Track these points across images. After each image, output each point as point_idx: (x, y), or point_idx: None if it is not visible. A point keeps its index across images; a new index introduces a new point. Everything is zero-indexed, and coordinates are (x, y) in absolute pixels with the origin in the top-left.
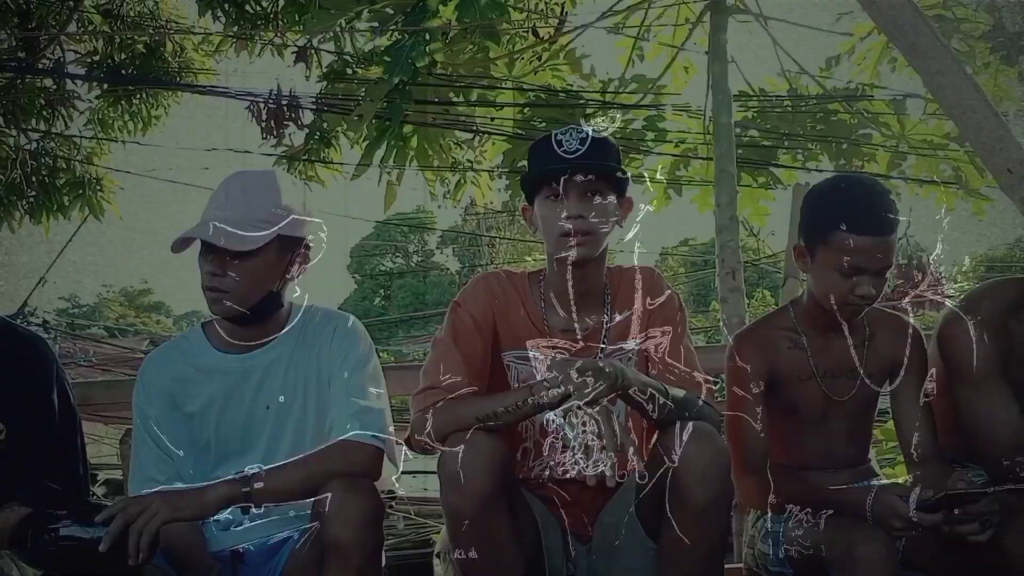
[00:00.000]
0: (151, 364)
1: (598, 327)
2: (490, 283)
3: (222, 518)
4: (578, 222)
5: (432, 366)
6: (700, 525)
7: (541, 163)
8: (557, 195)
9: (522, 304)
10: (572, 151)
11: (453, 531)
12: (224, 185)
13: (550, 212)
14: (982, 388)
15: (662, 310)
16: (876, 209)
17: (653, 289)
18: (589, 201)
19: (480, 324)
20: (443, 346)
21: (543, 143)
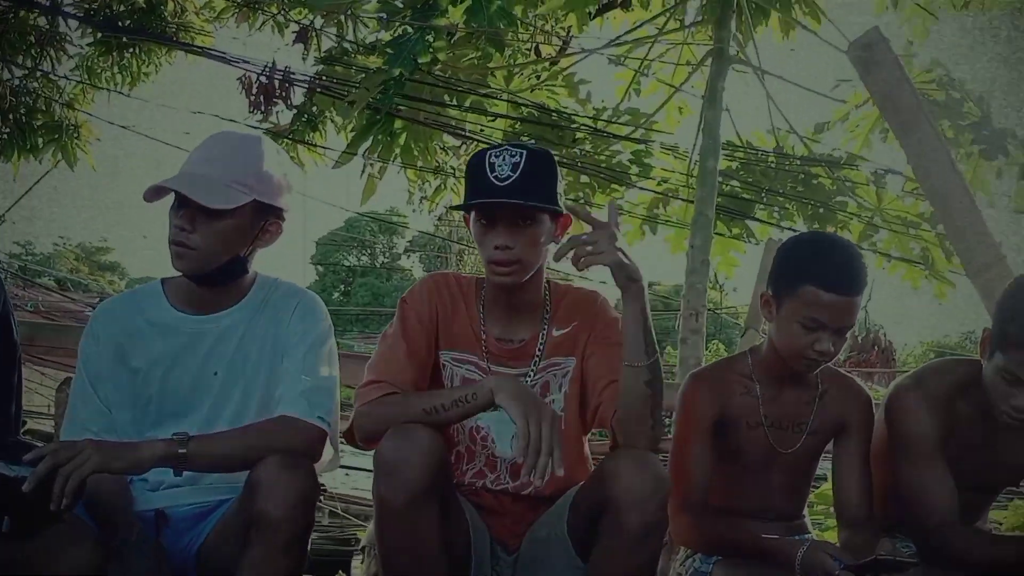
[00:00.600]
0: (103, 312)
1: (533, 340)
2: (437, 283)
3: (151, 478)
4: (504, 252)
5: (379, 360)
6: (633, 553)
7: (473, 185)
8: (486, 221)
9: (464, 308)
10: (503, 178)
11: (381, 522)
12: (208, 141)
13: (480, 236)
14: (921, 462)
15: (603, 328)
16: (847, 269)
17: (596, 312)
18: (518, 230)
19: (424, 322)
20: (390, 341)
21: (477, 163)
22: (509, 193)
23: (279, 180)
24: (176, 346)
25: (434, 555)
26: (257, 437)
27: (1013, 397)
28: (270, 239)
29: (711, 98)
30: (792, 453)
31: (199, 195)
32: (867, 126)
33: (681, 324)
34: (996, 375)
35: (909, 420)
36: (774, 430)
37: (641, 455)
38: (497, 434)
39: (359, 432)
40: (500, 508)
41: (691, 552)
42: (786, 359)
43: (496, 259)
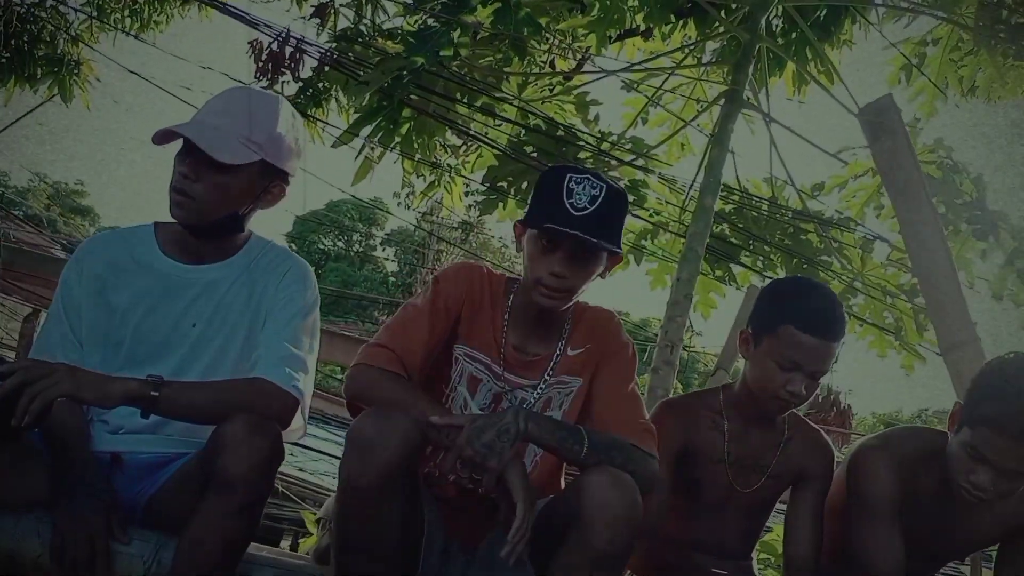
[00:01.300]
0: (92, 243)
1: (548, 356)
2: (472, 275)
3: (112, 421)
4: (560, 281)
5: (398, 328)
6: (596, 570)
7: (546, 206)
8: (549, 244)
9: (491, 311)
10: (579, 208)
11: (344, 498)
12: (226, 93)
13: (537, 254)
14: (877, 522)
15: (614, 355)
16: (828, 314)
17: (609, 333)
18: (577, 262)
19: (449, 309)
20: (416, 312)
21: (554, 183)
22: (584, 227)
23: (290, 144)
24: (158, 290)
25: (390, 541)
26: (231, 394)
27: (973, 473)
28: (272, 201)
29: (720, 137)
30: (750, 493)
31: (208, 145)
32: (863, 197)
33: (656, 354)
34: (961, 449)
35: (871, 479)
36: (735, 468)
37: (620, 476)
38: None
39: (354, 390)
40: (463, 505)
41: None
42: (758, 397)
43: (550, 284)
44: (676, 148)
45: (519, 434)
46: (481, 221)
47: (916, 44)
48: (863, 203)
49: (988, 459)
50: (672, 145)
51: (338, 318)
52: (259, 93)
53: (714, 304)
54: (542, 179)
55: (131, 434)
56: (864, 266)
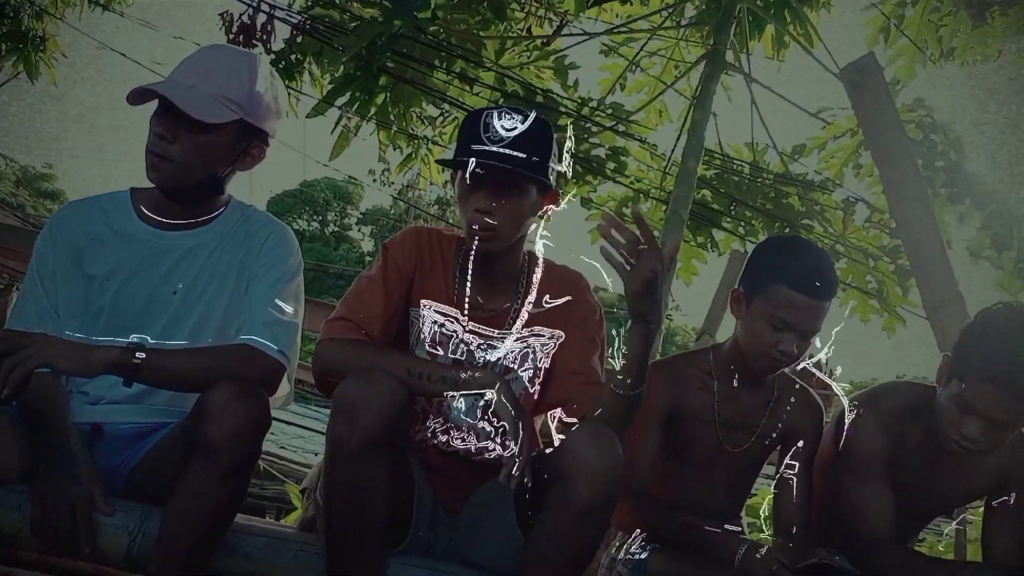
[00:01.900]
0: (66, 212)
1: (506, 310)
2: (421, 237)
3: (92, 392)
4: (483, 218)
5: (354, 299)
6: (579, 526)
7: (463, 142)
8: (471, 182)
9: (443, 267)
10: (496, 139)
11: (331, 464)
12: (202, 51)
13: (463, 196)
14: (865, 477)
15: (581, 317)
16: (820, 273)
17: (577, 296)
18: (500, 195)
19: (403, 273)
20: (370, 282)
21: (472, 120)
22: (499, 156)
23: (269, 103)
24: (137, 258)
25: (378, 504)
26: (215, 359)
27: (962, 425)
28: (251, 162)
29: (702, 99)
30: (739, 453)
31: (185, 104)
32: (843, 157)
33: None
34: (950, 402)
35: (857, 435)
36: (725, 428)
37: (603, 432)
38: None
39: (322, 364)
40: (447, 469)
41: (628, 538)
42: (749, 358)
43: (477, 223)
44: (654, 115)
45: None
46: None
47: (895, 5)
48: (842, 163)
49: (978, 410)
50: (650, 112)
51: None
52: (236, 51)
53: (696, 271)
54: (464, 121)
55: (112, 404)
56: (846, 229)
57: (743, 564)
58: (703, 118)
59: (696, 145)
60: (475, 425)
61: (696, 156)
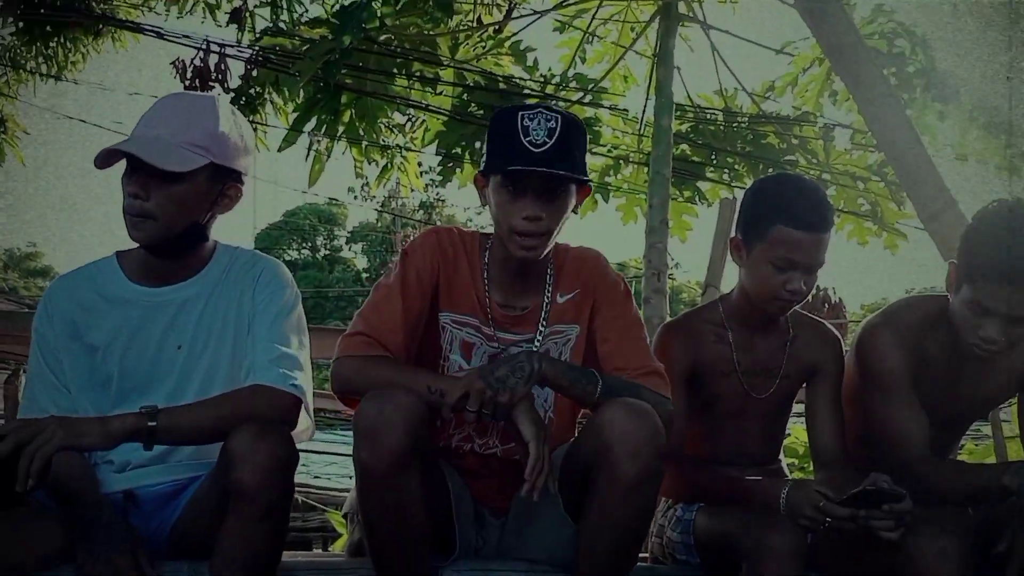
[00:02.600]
0: (56, 287)
1: (537, 308)
2: (441, 239)
3: (117, 460)
4: (534, 224)
5: (372, 312)
6: (628, 502)
7: (504, 149)
8: (515, 189)
9: (468, 270)
10: (539, 143)
11: (363, 488)
12: (158, 103)
13: (505, 203)
14: (893, 397)
15: (608, 294)
16: (816, 206)
17: (598, 273)
18: (548, 201)
19: (423, 280)
20: (387, 292)
21: (507, 123)
22: (546, 161)
23: (236, 142)
24: (135, 320)
25: (418, 519)
26: (229, 406)
27: (981, 328)
28: (230, 204)
29: (662, 56)
30: (766, 399)
31: (152, 157)
32: (816, 88)
33: (644, 284)
34: (965, 307)
35: (879, 356)
36: (747, 376)
37: (636, 404)
38: None
39: (341, 382)
40: (487, 471)
41: (672, 502)
42: (758, 302)
43: (524, 230)
44: (620, 82)
45: (534, 373)
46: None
47: None
48: (817, 94)
49: (993, 310)
50: (615, 79)
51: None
52: (194, 95)
53: (688, 226)
54: (493, 123)
55: (139, 468)
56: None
57: (788, 505)
58: (667, 74)
59: (665, 102)
60: None
61: (668, 113)
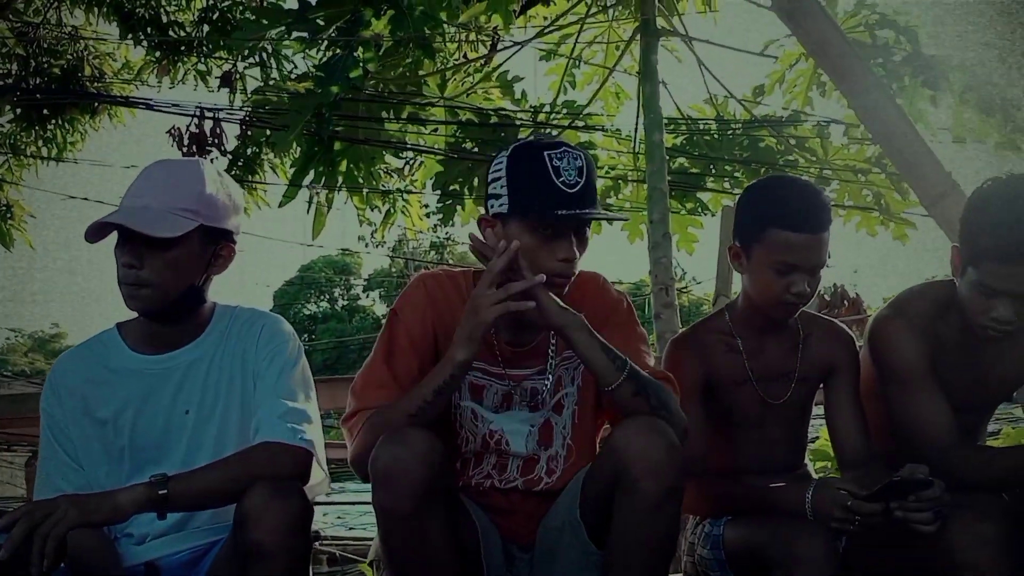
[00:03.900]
0: (60, 365)
1: (545, 339)
2: (430, 289)
3: (136, 532)
4: (571, 266)
5: (361, 387)
6: (652, 521)
7: (536, 191)
8: (550, 232)
9: None
10: (571, 184)
11: (385, 533)
12: (144, 171)
13: (537, 245)
14: (913, 387)
15: (612, 315)
16: (811, 207)
17: (599, 295)
18: (582, 241)
19: (416, 339)
20: (374, 365)
21: (535, 163)
22: (582, 202)
23: (224, 201)
24: (142, 390)
25: (444, 560)
26: (240, 466)
27: (992, 309)
28: (224, 264)
29: (647, 72)
30: (784, 403)
31: (142, 226)
32: (804, 84)
33: (652, 300)
34: (972, 290)
35: (894, 348)
36: (763, 383)
37: (650, 421)
38: (511, 434)
39: (360, 470)
40: (511, 506)
41: (699, 519)
42: (764, 308)
43: (561, 272)
44: (612, 100)
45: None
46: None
47: None
48: (806, 89)
49: (1001, 290)
50: (607, 99)
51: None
52: (177, 161)
53: (695, 238)
54: (516, 162)
55: (158, 538)
56: (827, 153)
57: (814, 508)
58: (653, 90)
59: (654, 118)
60: (528, 455)
61: (658, 128)
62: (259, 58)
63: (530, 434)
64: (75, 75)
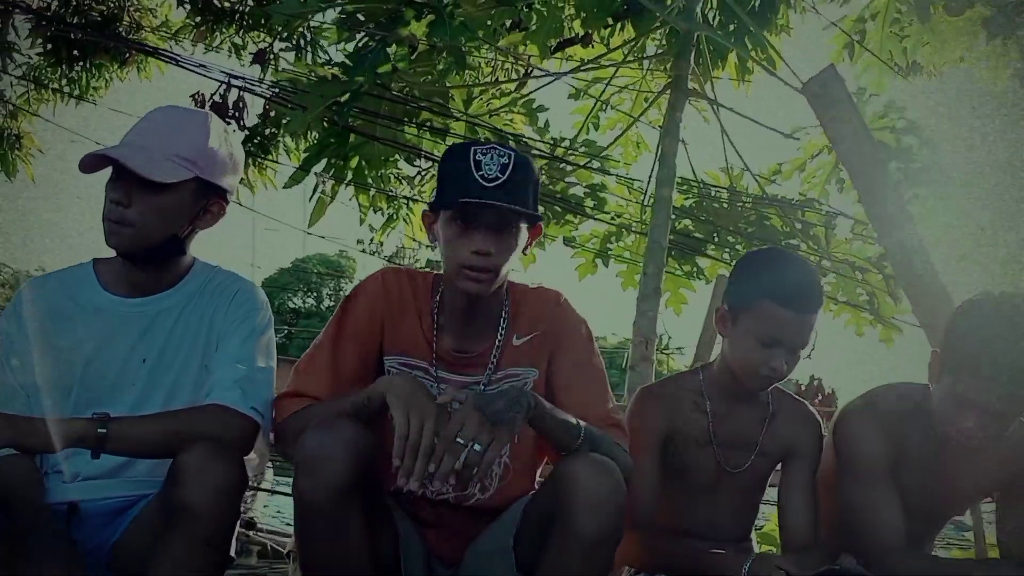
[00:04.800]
0: (28, 289)
1: (488, 349)
2: (387, 282)
3: (68, 470)
4: (483, 259)
5: (303, 369)
6: (585, 560)
7: (455, 182)
8: (465, 223)
9: (417, 313)
10: (491, 178)
11: (301, 522)
12: (151, 114)
13: (454, 237)
14: (870, 484)
15: (569, 337)
16: (805, 286)
17: (558, 313)
18: (499, 236)
19: (362, 329)
20: (319, 350)
21: (460, 157)
22: (498, 195)
23: (224, 159)
24: (104, 329)
25: (358, 558)
26: (184, 422)
27: (961, 419)
28: (212, 220)
29: (669, 127)
30: (741, 473)
31: (138, 166)
32: (823, 176)
33: (632, 351)
34: (945, 397)
35: (858, 442)
36: (723, 449)
37: (601, 460)
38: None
39: (283, 447)
40: (439, 520)
41: (634, 571)
42: (739, 376)
43: (473, 264)
44: (632, 148)
45: (530, 409)
46: None
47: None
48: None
49: (973, 402)
50: (626, 146)
51: None
52: (186, 109)
53: (684, 300)
54: (445, 158)
55: (88, 480)
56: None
57: None
58: (672, 146)
59: (668, 173)
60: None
61: (669, 183)
62: (296, 43)
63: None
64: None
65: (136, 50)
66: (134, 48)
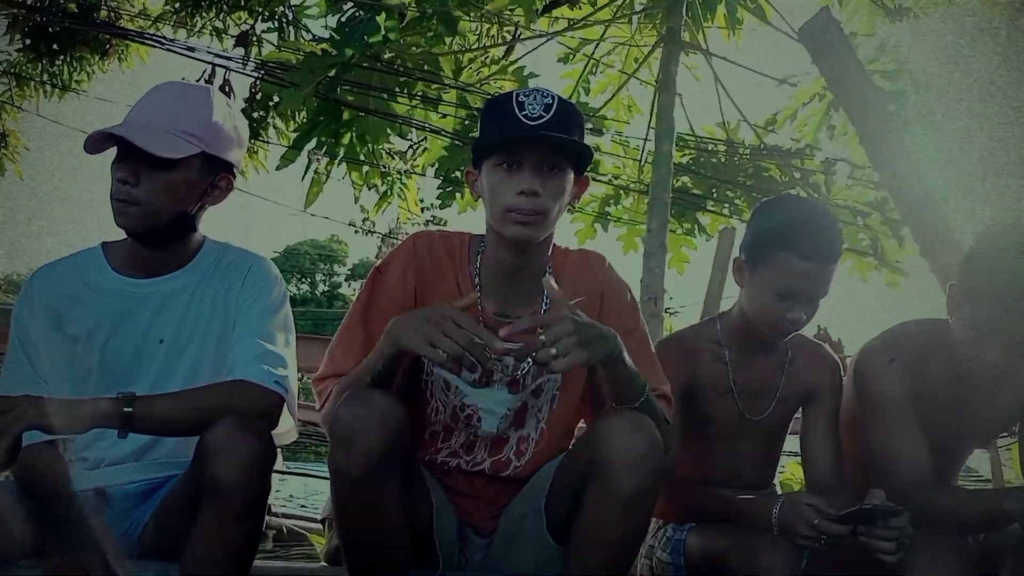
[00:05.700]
0: (39, 276)
1: (534, 313)
2: (419, 249)
3: (91, 456)
4: (530, 200)
5: (337, 349)
6: (623, 518)
7: (497, 125)
8: (511, 164)
9: (455, 275)
10: (534, 117)
11: (338, 494)
12: (153, 90)
13: (500, 182)
14: (892, 421)
15: (616, 301)
16: (823, 237)
17: (603, 276)
18: (545, 176)
19: (395, 299)
20: (351, 326)
21: (502, 102)
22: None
23: (230, 132)
24: (117, 312)
25: (396, 527)
26: (209, 398)
27: (987, 351)
28: (220, 196)
29: (665, 82)
30: (761, 420)
31: (143, 142)
32: (814, 124)
33: (640, 308)
34: (966, 329)
35: (879, 381)
36: (743, 397)
37: (636, 416)
38: (485, 412)
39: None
40: (473, 490)
41: (663, 522)
42: (756, 326)
43: (519, 207)
44: (623, 111)
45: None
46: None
47: None
48: (815, 129)
49: (998, 331)
50: (618, 109)
51: None
52: (188, 85)
53: (686, 258)
54: (487, 108)
55: (114, 465)
56: (830, 191)
57: (781, 522)
58: (669, 101)
59: (667, 128)
60: (498, 438)
61: (668, 139)
62: (278, 23)
63: (504, 417)
64: (91, 13)
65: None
66: (115, 34)
